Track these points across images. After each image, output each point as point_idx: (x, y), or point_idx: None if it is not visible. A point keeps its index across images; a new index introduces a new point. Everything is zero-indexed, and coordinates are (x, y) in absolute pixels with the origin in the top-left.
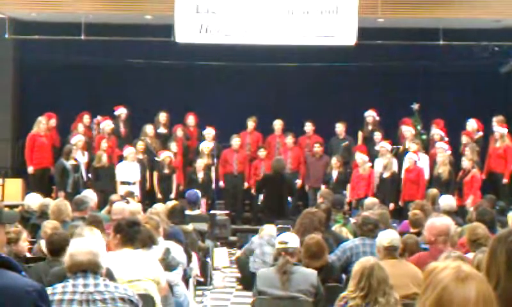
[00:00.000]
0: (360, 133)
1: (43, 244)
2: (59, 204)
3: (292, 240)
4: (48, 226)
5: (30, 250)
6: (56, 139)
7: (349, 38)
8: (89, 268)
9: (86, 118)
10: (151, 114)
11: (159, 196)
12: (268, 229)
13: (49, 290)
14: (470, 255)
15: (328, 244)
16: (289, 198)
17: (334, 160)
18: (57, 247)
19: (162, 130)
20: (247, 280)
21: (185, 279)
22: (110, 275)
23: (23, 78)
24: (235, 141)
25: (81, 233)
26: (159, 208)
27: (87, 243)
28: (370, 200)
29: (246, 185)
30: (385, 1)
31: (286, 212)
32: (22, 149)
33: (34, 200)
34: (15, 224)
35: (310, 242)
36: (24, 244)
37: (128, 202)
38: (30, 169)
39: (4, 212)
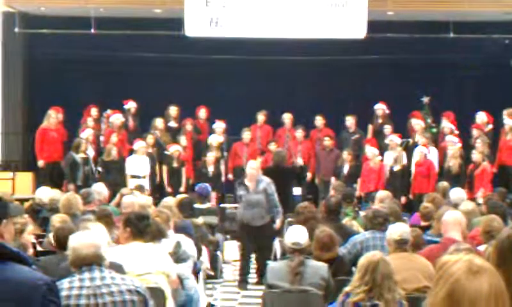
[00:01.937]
0: (370, 127)
1: (52, 238)
2: (69, 197)
3: (303, 237)
4: (57, 219)
5: (40, 243)
6: (64, 132)
7: (359, 31)
8: (94, 261)
9: (94, 111)
10: (161, 108)
11: (169, 189)
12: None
13: None
14: (482, 247)
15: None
16: (299, 191)
17: (345, 154)
18: (64, 241)
19: (173, 123)
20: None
21: (195, 272)
22: (120, 270)
23: (33, 72)
24: (246, 134)
25: (86, 227)
26: (170, 201)
27: (89, 236)
28: (383, 193)
29: None
30: None
31: (290, 205)
32: (33, 143)
33: (45, 193)
34: (22, 216)
35: (321, 234)
36: (28, 237)
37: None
38: (40, 163)
39: (11, 205)
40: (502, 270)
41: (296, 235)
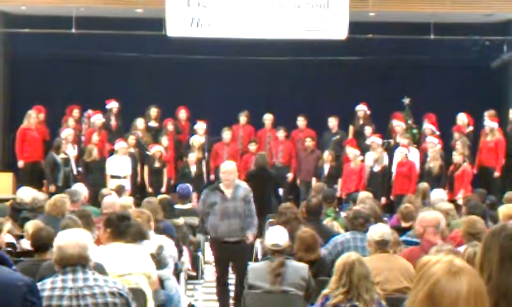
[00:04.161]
0: (351, 128)
1: (23, 243)
2: (56, 199)
3: (282, 238)
4: (29, 225)
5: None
6: (45, 132)
7: (341, 32)
8: (78, 261)
9: (76, 112)
10: (142, 107)
11: (150, 190)
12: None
13: (38, 286)
14: (461, 248)
15: None
16: (280, 192)
17: (326, 154)
18: (41, 244)
19: (153, 123)
20: None
21: (177, 273)
22: (101, 270)
23: (13, 71)
24: (226, 134)
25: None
26: (154, 199)
27: (75, 235)
28: (363, 194)
29: None
30: None
31: (268, 209)
32: (13, 143)
33: (27, 193)
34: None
35: (303, 235)
36: (4, 236)
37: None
38: (20, 163)
39: None
40: (487, 260)
41: (276, 236)
